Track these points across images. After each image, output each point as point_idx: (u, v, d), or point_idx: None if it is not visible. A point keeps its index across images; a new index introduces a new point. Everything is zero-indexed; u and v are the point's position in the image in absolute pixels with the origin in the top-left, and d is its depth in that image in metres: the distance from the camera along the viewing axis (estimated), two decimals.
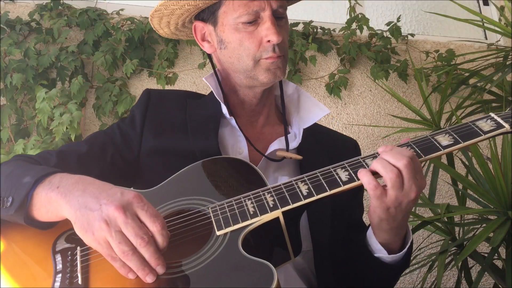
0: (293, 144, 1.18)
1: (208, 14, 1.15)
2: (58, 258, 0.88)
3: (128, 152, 1.14)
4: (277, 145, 1.16)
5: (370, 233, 1.02)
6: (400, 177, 0.88)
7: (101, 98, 2.14)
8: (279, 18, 1.12)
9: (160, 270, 0.81)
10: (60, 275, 0.85)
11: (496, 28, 2.10)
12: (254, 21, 1.09)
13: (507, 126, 0.90)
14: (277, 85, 1.26)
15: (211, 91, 1.23)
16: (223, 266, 0.81)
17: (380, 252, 1.00)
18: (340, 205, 1.13)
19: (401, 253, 1.00)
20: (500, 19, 2.67)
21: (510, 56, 2.19)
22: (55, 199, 0.87)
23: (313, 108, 1.22)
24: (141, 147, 1.14)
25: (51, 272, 0.86)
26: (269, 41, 1.08)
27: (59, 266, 0.86)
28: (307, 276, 1.11)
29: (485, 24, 2.27)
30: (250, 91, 1.19)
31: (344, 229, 1.16)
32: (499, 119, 0.92)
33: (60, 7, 2.25)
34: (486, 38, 3.02)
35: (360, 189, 1.28)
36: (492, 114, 0.94)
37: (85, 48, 2.18)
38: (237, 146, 1.16)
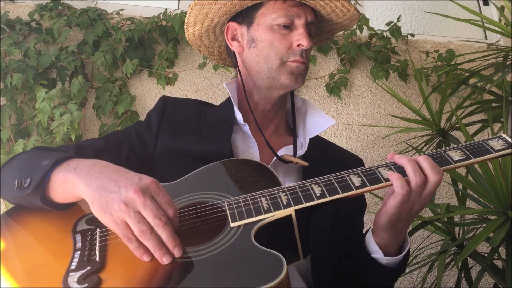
0: (299, 152, 1.22)
1: (244, 16, 1.23)
2: (78, 237, 0.92)
3: (143, 152, 1.19)
4: (284, 152, 1.21)
5: (369, 235, 1.05)
6: (423, 186, 0.91)
7: (101, 98, 2.14)
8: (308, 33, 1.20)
9: (177, 252, 0.84)
10: (79, 252, 0.88)
11: (496, 28, 2.10)
12: (288, 27, 1.18)
13: None
14: (288, 99, 1.33)
15: (225, 100, 1.31)
16: (235, 254, 0.84)
17: (376, 253, 1.03)
18: (341, 215, 1.17)
19: (398, 256, 1.03)
20: (500, 19, 2.67)
21: (510, 56, 2.18)
22: (72, 180, 0.90)
23: (320, 119, 1.28)
24: (156, 148, 1.19)
25: (70, 249, 0.89)
26: (299, 45, 1.17)
27: (79, 244, 0.90)
28: (309, 279, 1.12)
29: (485, 24, 2.27)
30: (268, 94, 1.24)
31: (344, 239, 1.18)
32: (510, 140, 0.96)
33: (60, 7, 2.25)
34: (486, 38, 3.02)
35: (363, 205, 1.33)
36: (503, 135, 0.98)
37: (85, 48, 2.18)
38: (248, 152, 1.20)
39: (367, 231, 1.08)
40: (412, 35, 2.67)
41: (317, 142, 1.28)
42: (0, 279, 0.85)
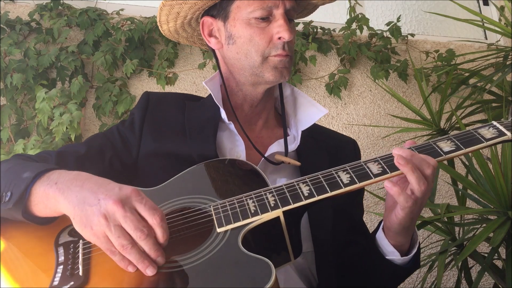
0: (292, 146, 1.17)
1: (219, 10, 1.15)
2: (61, 250, 0.89)
3: (126, 155, 1.14)
4: (275, 147, 1.16)
5: (381, 235, 1.03)
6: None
7: (101, 98, 2.14)
8: (289, 20, 1.13)
9: (160, 261, 0.82)
10: (61, 266, 0.86)
11: (496, 28, 2.11)
12: (267, 18, 1.10)
13: (508, 134, 0.91)
14: (276, 87, 1.26)
15: (210, 95, 1.24)
16: (222, 261, 0.82)
17: (392, 254, 1.01)
18: (341, 206, 1.14)
19: (411, 255, 1.02)
20: (500, 19, 2.67)
21: (510, 56, 2.19)
22: (53, 195, 0.87)
23: (311, 109, 1.22)
24: (140, 150, 1.15)
25: (53, 263, 0.87)
26: (279, 38, 1.09)
27: (61, 258, 0.88)
28: (307, 277, 1.11)
29: (485, 24, 2.27)
30: (253, 90, 1.19)
31: (346, 230, 1.16)
32: (501, 127, 0.92)
33: (60, 7, 2.25)
34: (486, 38, 3.03)
35: (360, 190, 1.28)
36: (494, 122, 0.94)
37: (85, 48, 2.18)
38: (235, 150, 1.15)
39: (375, 231, 1.07)
40: (412, 35, 2.67)
41: (309, 130, 1.21)
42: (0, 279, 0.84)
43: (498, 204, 1.59)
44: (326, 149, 1.23)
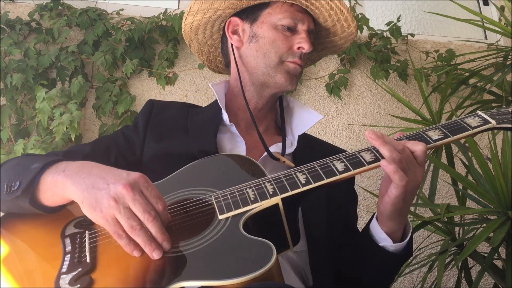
0: (289, 150, 1.23)
1: (248, 14, 1.26)
2: (67, 241, 0.93)
3: (130, 155, 1.20)
4: (274, 149, 1.22)
5: (374, 223, 1.05)
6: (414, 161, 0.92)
7: (101, 98, 2.14)
8: None
9: (166, 245, 0.85)
10: (69, 255, 0.89)
11: (496, 28, 2.10)
12: (292, 30, 1.23)
13: (493, 122, 0.95)
14: (277, 99, 1.34)
15: (212, 102, 1.32)
16: (224, 245, 0.85)
17: (385, 241, 1.03)
18: (335, 207, 1.18)
19: (404, 241, 1.04)
20: (500, 19, 2.67)
21: (510, 56, 2.19)
22: (61, 182, 0.90)
23: (307, 116, 1.30)
24: (143, 151, 1.20)
25: (60, 253, 0.90)
26: (299, 48, 1.21)
27: (68, 248, 0.91)
28: (302, 276, 1.13)
29: (485, 24, 2.27)
30: (260, 91, 1.26)
31: (340, 231, 1.19)
32: (486, 116, 0.97)
33: (60, 7, 2.25)
34: (486, 38, 3.02)
35: (354, 197, 1.35)
36: (479, 112, 0.99)
37: (85, 48, 2.18)
38: (235, 151, 1.20)
39: (369, 221, 1.09)
40: (412, 35, 2.67)
41: (308, 140, 1.31)
42: (0, 281, 0.85)
43: (498, 204, 1.59)
44: (321, 156, 1.27)
